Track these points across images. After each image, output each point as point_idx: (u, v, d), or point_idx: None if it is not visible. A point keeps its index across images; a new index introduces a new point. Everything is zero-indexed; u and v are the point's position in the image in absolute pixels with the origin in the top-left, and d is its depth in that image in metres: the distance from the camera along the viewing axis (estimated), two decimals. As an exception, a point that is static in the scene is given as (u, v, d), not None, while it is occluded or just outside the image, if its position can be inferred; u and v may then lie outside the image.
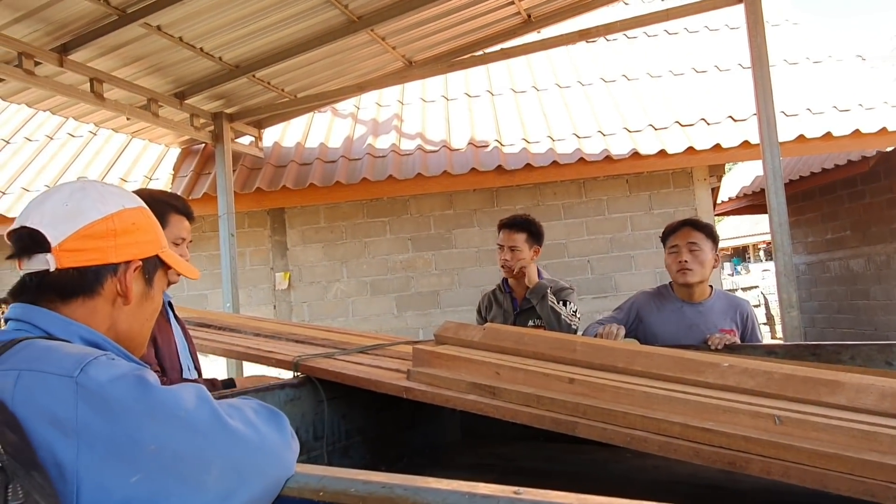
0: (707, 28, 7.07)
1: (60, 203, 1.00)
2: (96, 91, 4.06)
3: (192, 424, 0.86)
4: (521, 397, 1.62)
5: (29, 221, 0.98)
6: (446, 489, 0.76)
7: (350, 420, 2.18)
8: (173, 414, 0.86)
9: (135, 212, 1.06)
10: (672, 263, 2.55)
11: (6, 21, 3.39)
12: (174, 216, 2.00)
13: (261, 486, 0.88)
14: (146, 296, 1.07)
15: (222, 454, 0.86)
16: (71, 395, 0.83)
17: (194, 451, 0.85)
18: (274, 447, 0.92)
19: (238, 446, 0.87)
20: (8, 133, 6.78)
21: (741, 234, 20.02)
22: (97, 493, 0.81)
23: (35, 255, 0.97)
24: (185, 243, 2.04)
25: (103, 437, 0.82)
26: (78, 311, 0.99)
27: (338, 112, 6.50)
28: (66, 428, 0.82)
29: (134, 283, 1.03)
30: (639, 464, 2.03)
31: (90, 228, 0.99)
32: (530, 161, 5.18)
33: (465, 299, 5.60)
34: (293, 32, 4.20)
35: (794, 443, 1.24)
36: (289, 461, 0.93)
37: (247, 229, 5.84)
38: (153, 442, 0.83)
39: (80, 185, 1.05)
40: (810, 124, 5.19)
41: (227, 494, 0.85)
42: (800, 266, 8.04)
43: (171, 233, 1.98)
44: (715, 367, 1.54)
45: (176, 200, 2.08)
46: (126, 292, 1.02)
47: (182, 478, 0.83)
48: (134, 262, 1.03)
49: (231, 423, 0.89)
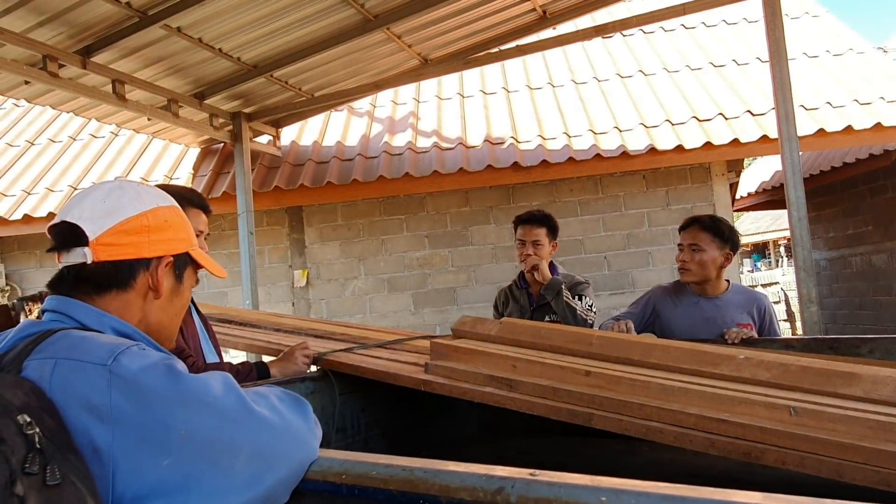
0: (725, 22, 7.00)
1: (99, 200, 1.05)
2: (118, 92, 4.13)
3: (220, 410, 0.90)
4: (538, 389, 1.64)
5: (69, 216, 1.03)
6: (464, 471, 0.78)
7: (369, 413, 2.22)
8: (202, 401, 0.89)
9: (168, 210, 1.11)
10: (677, 261, 2.59)
11: (31, 24, 3.47)
12: (190, 210, 2.01)
13: (286, 470, 0.92)
14: (176, 291, 1.11)
15: (250, 439, 0.90)
16: (104, 383, 0.87)
17: (223, 436, 0.89)
18: (298, 432, 0.96)
19: (264, 431, 0.91)
20: (32, 134, 6.92)
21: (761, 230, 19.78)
22: (131, 475, 0.85)
23: (73, 249, 1.02)
24: (202, 236, 2.06)
25: (136, 422, 0.86)
26: (112, 304, 1.03)
27: (354, 110, 6.55)
28: (101, 414, 0.86)
29: (165, 278, 1.08)
30: (656, 457, 2.04)
31: (126, 224, 1.04)
32: (546, 157, 5.19)
33: (482, 296, 5.62)
34: (310, 32, 4.24)
35: (809, 433, 1.25)
36: (312, 445, 0.97)
37: (265, 227, 5.91)
38: (183, 427, 0.87)
39: (118, 183, 1.10)
40: (831, 118, 5.13)
41: (255, 477, 0.89)
42: (821, 262, 7.95)
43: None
44: (731, 360, 1.55)
45: (191, 194, 2.10)
46: (157, 286, 1.07)
47: (211, 461, 0.87)
48: (166, 257, 1.08)
49: (257, 409, 0.93)
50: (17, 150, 6.67)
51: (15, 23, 3.41)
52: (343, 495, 0.88)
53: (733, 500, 0.63)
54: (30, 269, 6.17)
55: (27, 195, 5.85)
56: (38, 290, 5.23)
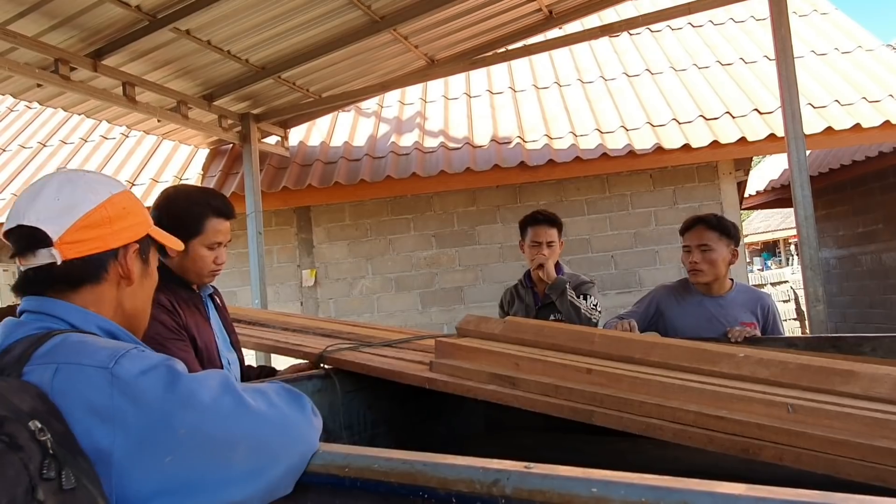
0: (733, 20, 6.98)
1: (52, 198, 1.03)
2: (128, 94, 4.19)
3: (218, 408, 0.93)
4: (540, 387, 1.66)
5: (25, 220, 1.02)
6: (462, 464, 0.81)
7: (375, 411, 2.25)
8: (201, 400, 0.92)
9: (123, 196, 1.11)
10: (685, 263, 2.59)
11: (43, 28, 3.53)
12: (212, 221, 1.96)
13: (286, 463, 0.95)
14: (145, 273, 1.14)
15: (248, 434, 0.93)
16: (107, 385, 0.89)
17: (221, 433, 0.91)
18: (296, 425, 0.98)
19: (262, 426, 0.94)
20: (45, 136, 7.00)
21: (770, 229, 19.67)
22: (135, 475, 0.88)
23: (38, 251, 1.01)
24: (221, 246, 2.00)
25: (137, 423, 0.89)
26: (87, 298, 1.05)
27: (362, 111, 6.58)
28: (103, 415, 0.88)
29: (134, 264, 1.10)
30: (658, 454, 2.06)
31: (87, 219, 1.03)
32: (553, 157, 5.20)
33: (489, 295, 5.65)
34: (318, 34, 4.28)
35: (806, 430, 1.26)
36: (311, 437, 0.99)
37: (274, 227, 5.96)
38: (183, 426, 0.90)
39: (65, 177, 1.09)
40: (839, 116, 5.12)
41: (256, 471, 0.92)
42: (830, 260, 7.91)
43: (207, 238, 1.95)
44: (730, 358, 1.57)
45: (214, 199, 2.02)
46: (129, 274, 1.09)
47: (212, 458, 0.90)
48: (132, 244, 1.09)
49: (254, 404, 0.95)
50: (30, 152, 6.76)
51: (28, 26, 3.47)
52: (346, 487, 0.91)
53: (717, 492, 0.65)
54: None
55: (40, 196, 5.93)
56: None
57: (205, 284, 2.09)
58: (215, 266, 2.01)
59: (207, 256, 1.98)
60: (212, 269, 2.01)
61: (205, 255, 1.97)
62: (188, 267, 1.99)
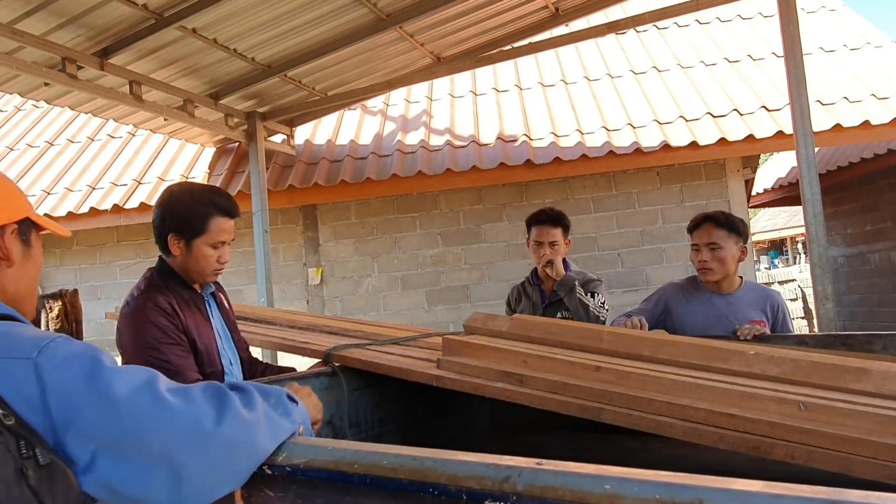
0: (740, 17, 6.94)
1: None
2: (135, 93, 4.20)
3: (133, 404, 0.94)
4: (548, 385, 1.65)
5: None
6: (472, 461, 0.80)
7: (383, 408, 2.24)
8: (117, 394, 0.94)
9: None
10: (694, 261, 2.57)
11: (51, 27, 3.53)
12: (216, 220, 1.95)
13: (203, 461, 0.94)
14: (27, 255, 1.14)
15: (161, 430, 0.93)
16: (31, 375, 0.92)
17: (134, 428, 0.93)
18: (210, 424, 0.96)
19: (176, 424, 0.94)
20: (52, 135, 7.03)
21: (778, 227, 19.58)
22: (70, 456, 0.92)
23: None
24: (224, 245, 1.99)
25: (61, 412, 0.92)
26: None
27: (367, 109, 6.58)
28: (31, 404, 0.91)
29: (13, 246, 1.11)
30: (668, 453, 2.05)
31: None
32: (559, 155, 5.18)
33: (495, 293, 5.63)
34: (323, 32, 4.28)
35: (818, 428, 1.25)
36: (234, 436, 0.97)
37: (280, 226, 5.97)
38: (100, 419, 0.92)
39: None
40: (848, 113, 5.08)
41: (171, 468, 0.93)
42: (839, 259, 7.86)
43: (211, 237, 1.94)
44: (741, 356, 1.56)
45: (219, 198, 1.99)
46: (8, 254, 1.10)
47: (130, 450, 0.93)
48: (9, 225, 1.11)
49: (172, 402, 0.96)
50: (37, 151, 6.78)
51: (35, 25, 3.48)
52: (355, 484, 0.90)
53: (733, 489, 0.64)
54: (50, 267, 6.28)
55: (47, 195, 5.96)
56: (59, 287, 5.32)
57: (207, 283, 2.09)
58: (218, 265, 2.00)
59: (211, 255, 1.97)
60: (215, 268, 2.00)
61: (208, 254, 1.96)
62: (191, 266, 1.98)
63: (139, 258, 6.05)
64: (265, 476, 1.02)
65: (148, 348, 1.87)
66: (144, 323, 1.89)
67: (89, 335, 4.96)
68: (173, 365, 1.85)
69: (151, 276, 2.02)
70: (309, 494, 0.98)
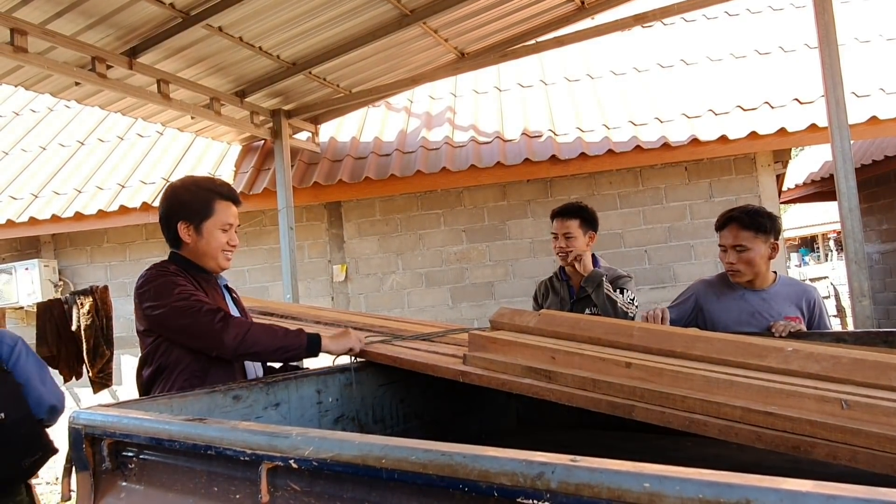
0: (771, 8, 6.78)
1: None
2: (163, 92, 4.24)
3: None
4: (578, 381, 1.62)
5: None
6: (504, 457, 0.78)
7: (408, 404, 2.23)
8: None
9: None
10: (723, 261, 2.51)
11: (80, 27, 3.59)
12: (220, 203, 2.04)
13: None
14: None
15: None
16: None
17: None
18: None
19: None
20: (83, 135, 7.16)
21: (809, 224, 19.16)
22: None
23: None
24: (232, 229, 2.08)
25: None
26: None
27: (391, 106, 6.57)
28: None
29: None
30: (699, 452, 2.00)
31: None
32: (585, 150, 5.12)
33: (520, 290, 5.59)
34: (347, 28, 4.28)
35: (862, 427, 1.20)
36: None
37: (305, 223, 5.99)
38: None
39: None
40: (884, 105, 4.93)
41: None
42: (873, 255, 7.64)
43: (219, 220, 2.04)
44: (778, 352, 1.51)
45: (220, 187, 2.10)
46: None
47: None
48: None
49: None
50: (69, 150, 6.91)
51: (66, 26, 3.53)
52: (383, 479, 0.88)
53: (783, 488, 0.61)
54: (81, 264, 6.40)
55: (78, 193, 6.06)
56: (89, 284, 5.41)
57: (222, 269, 2.13)
58: (229, 248, 2.09)
59: (222, 237, 2.06)
60: (226, 249, 2.08)
61: (219, 236, 2.05)
62: (203, 249, 2.05)
63: (167, 255, 6.12)
64: (291, 470, 1.01)
65: (182, 297, 1.91)
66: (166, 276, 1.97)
67: (119, 331, 5.03)
68: (206, 301, 1.92)
69: (164, 263, 2.08)
70: (335, 490, 0.97)
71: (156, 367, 1.97)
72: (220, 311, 1.91)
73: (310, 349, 1.98)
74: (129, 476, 1.33)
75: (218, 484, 1.15)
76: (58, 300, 5.31)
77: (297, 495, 1.01)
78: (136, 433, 1.29)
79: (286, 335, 1.96)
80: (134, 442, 1.31)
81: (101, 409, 1.45)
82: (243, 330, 1.88)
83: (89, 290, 5.16)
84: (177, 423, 1.23)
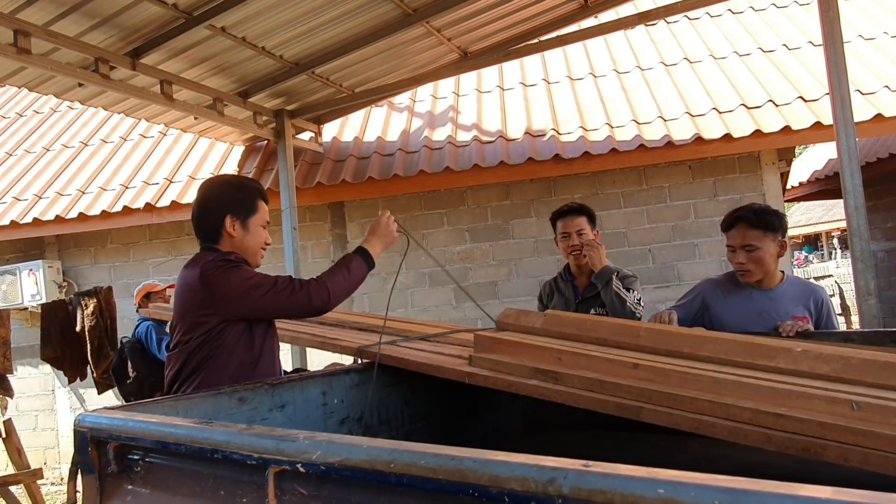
0: (775, 5, 6.76)
1: None
2: (166, 92, 4.24)
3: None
4: (584, 382, 1.61)
5: None
6: (515, 462, 0.77)
7: (413, 405, 2.22)
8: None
9: None
10: (731, 262, 2.49)
11: (84, 28, 3.58)
12: (260, 201, 2.18)
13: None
14: None
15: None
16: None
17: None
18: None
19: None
20: (86, 136, 7.17)
21: (812, 222, 19.12)
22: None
23: None
24: (268, 227, 2.24)
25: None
26: None
27: (394, 105, 6.57)
28: None
29: None
30: (706, 453, 1.99)
31: None
32: (588, 149, 5.10)
33: (524, 290, 5.58)
34: (350, 28, 4.27)
35: (874, 429, 1.19)
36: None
37: (308, 223, 5.99)
38: None
39: None
40: (889, 102, 4.91)
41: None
42: (878, 253, 7.61)
43: (262, 217, 2.18)
44: (787, 353, 1.49)
45: (261, 186, 2.28)
46: None
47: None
48: None
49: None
50: (72, 151, 6.92)
51: (69, 27, 3.53)
52: (391, 484, 0.87)
53: (800, 495, 0.60)
54: (85, 265, 6.40)
55: (82, 194, 6.07)
56: (93, 285, 5.42)
57: (256, 266, 2.25)
58: (266, 245, 2.24)
59: (262, 234, 2.19)
60: (263, 247, 2.22)
61: (262, 232, 2.19)
62: (248, 244, 2.15)
63: (171, 256, 6.13)
64: (298, 474, 1.00)
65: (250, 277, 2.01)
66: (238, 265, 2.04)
67: (123, 331, 5.04)
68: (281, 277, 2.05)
69: (224, 253, 2.11)
70: (343, 494, 0.96)
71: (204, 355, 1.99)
72: (293, 281, 2.04)
73: (370, 267, 2.24)
74: (134, 479, 1.33)
75: (224, 488, 1.14)
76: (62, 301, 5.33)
77: (305, 499, 1.00)
78: (142, 436, 1.28)
79: (349, 270, 2.12)
80: (139, 445, 1.30)
81: (107, 412, 1.44)
82: (327, 290, 2.02)
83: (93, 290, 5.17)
84: (183, 427, 1.22)
